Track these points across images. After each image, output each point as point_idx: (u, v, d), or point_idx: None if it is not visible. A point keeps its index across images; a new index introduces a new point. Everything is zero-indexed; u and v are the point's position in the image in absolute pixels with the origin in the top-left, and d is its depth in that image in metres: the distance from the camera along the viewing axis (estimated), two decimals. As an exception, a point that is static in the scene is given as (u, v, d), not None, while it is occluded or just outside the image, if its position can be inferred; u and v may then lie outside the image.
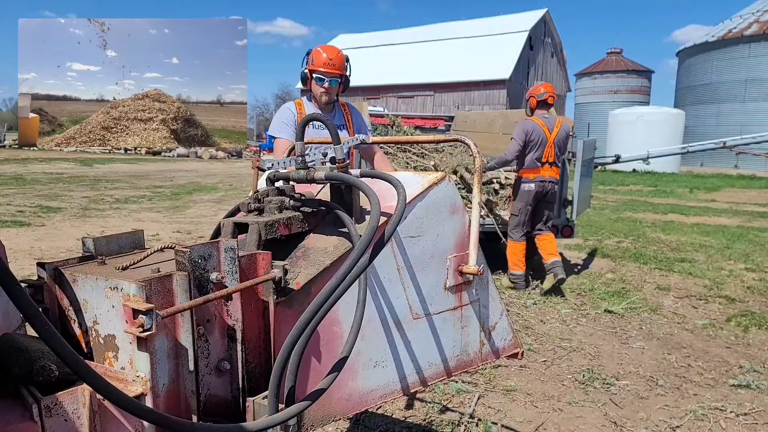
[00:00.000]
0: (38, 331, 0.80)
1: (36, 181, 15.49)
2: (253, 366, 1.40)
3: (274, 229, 1.51)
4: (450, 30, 42.05)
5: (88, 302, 1.26)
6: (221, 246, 1.27)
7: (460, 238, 1.81)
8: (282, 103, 4.79)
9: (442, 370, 1.85)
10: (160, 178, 17.99)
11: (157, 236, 7.96)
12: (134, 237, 1.55)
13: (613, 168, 23.35)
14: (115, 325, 1.19)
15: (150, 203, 11.77)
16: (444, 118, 11.61)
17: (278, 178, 1.73)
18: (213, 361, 1.30)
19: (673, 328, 4.65)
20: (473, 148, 1.84)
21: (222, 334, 1.32)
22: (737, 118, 31.69)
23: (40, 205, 10.68)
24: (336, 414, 1.57)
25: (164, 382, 1.19)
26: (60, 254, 6.56)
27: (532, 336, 4.41)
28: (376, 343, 1.64)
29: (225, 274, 1.27)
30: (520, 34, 37.58)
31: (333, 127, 1.64)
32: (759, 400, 3.34)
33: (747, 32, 31.92)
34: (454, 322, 1.85)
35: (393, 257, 1.64)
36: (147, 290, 1.13)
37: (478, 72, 36.45)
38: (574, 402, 3.31)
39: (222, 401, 1.34)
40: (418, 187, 1.68)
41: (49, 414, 0.95)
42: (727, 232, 9.53)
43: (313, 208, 1.64)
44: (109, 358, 1.21)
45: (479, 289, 1.91)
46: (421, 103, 39.15)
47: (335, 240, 1.57)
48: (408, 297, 1.70)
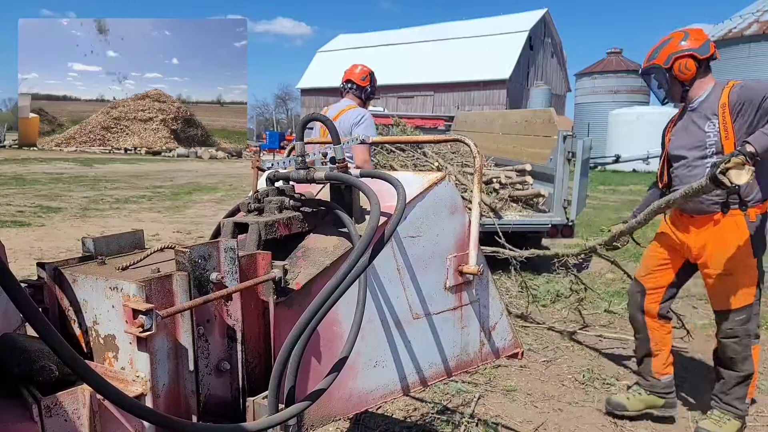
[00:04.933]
0: (38, 331, 0.80)
1: (36, 181, 15.49)
2: (253, 366, 1.40)
3: (274, 229, 1.51)
4: (450, 30, 42.06)
5: (88, 302, 1.26)
6: (221, 246, 1.27)
7: (460, 238, 1.81)
8: (282, 103, 4.88)
9: (442, 370, 1.85)
10: (160, 178, 17.99)
11: (157, 236, 7.96)
12: (134, 237, 1.55)
13: (613, 168, 23.34)
14: (115, 325, 1.19)
15: (150, 203, 11.77)
16: (444, 118, 11.62)
17: (278, 178, 1.73)
18: (213, 361, 1.30)
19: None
20: (473, 148, 1.84)
21: (222, 334, 1.32)
22: (737, 118, 31.67)
23: (40, 205, 10.68)
24: (336, 414, 1.57)
25: (164, 382, 1.19)
26: (60, 254, 6.56)
27: (532, 336, 4.41)
28: (376, 343, 1.64)
29: (225, 274, 1.27)
30: (520, 34, 37.59)
31: (333, 126, 1.64)
32: (759, 400, 3.34)
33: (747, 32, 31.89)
34: (454, 322, 1.85)
35: (393, 257, 1.64)
36: (147, 290, 1.13)
37: (478, 72, 36.47)
38: (574, 402, 3.31)
39: (222, 401, 1.34)
40: (418, 187, 1.68)
41: (49, 414, 0.95)
42: (727, 232, 9.52)
43: (313, 208, 1.64)
44: (109, 358, 1.21)
45: (479, 289, 1.91)
46: (421, 103, 39.16)
47: (335, 240, 1.57)
48: (408, 297, 1.70)
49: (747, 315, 2.75)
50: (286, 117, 70.75)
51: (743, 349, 2.77)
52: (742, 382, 2.82)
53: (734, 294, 2.75)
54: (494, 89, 36.14)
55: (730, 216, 2.68)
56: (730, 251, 2.71)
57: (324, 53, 46.46)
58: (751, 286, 2.74)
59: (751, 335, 2.78)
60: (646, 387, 3.13)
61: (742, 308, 2.75)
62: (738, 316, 2.76)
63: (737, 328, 2.77)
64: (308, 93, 44.30)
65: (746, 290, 2.73)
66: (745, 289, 2.73)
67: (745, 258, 2.70)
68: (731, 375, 2.84)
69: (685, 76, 2.71)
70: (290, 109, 70.91)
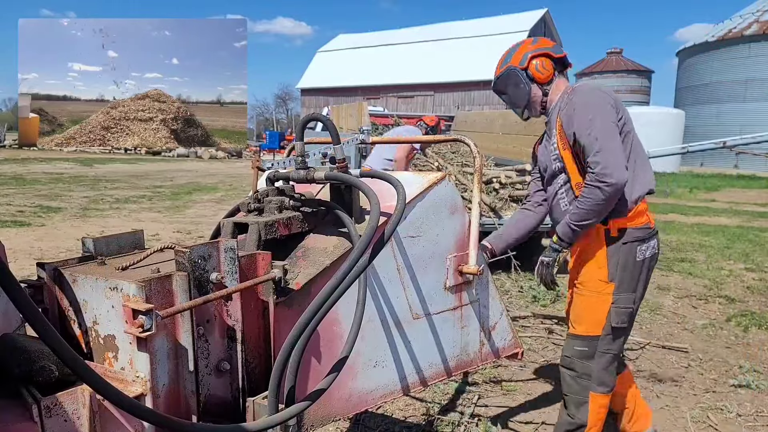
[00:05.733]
0: (38, 332, 0.80)
1: (36, 181, 15.48)
2: (253, 366, 1.40)
3: (274, 229, 1.51)
4: (450, 30, 42.05)
5: (88, 302, 1.26)
6: (221, 246, 1.27)
7: (460, 238, 1.81)
8: (282, 103, 4.95)
9: (442, 370, 1.85)
10: (160, 178, 17.99)
11: (157, 236, 7.96)
12: (134, 237, 1.55)
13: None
14: (115, 326, 1.19)
15: (150, 203, 11.77)
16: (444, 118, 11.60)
17: (278, 178, 1.73)
18: (213, 361, 1.30)
19: (673, 328, 4.65)
20: (473, 148, 1.84)
21: (222, 334, 1.32)
22: (737, 118, 31.69)
23: (40, 205, 10.68)
24: (336, 414, 1.57)
25: (164, 383, 1.19)
26: (60, 254, 6.56)
27: (532, 336, 4.41)
28: (376, 343, 1.64)
29: (225, 274, 1.27)
30: (520, 34, 37.54)
31: (333, 127, 1.64)
32: (759, 400, 3.34)
33: (747, 32, 31.92)
34: (454, 322, 1.85)
35: (393, 257, 1.64)
36: (147, 291, 1.13)
37: (478, 72, 36.42)
38: (574, 402, 3.31)
39: (222, 401, 1.34)
40: (418, 187, 1.68)
41: (48, 414, 0.95)
42: (727, 232, 9.53)
43: (312, 208, 1.64)
44: (108, 358, 1.21)
45: (479, 289, 1.91)
46: (421, 103, 39.14)
47: (335, 240, 1.57)
48: (408, 297, 1.69)
49: (589, 349, 2.24)
50: (286, 117, 70.76)
51: (579, 389, 2.27)
52: (572, 431, 2.31)
53: (579, 317, 2.29)
54: (494, 89, 36.11)
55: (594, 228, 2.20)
56: (582, 267, 2.29)
57: (324, 53, 46.44)
58: (601, 315, 2.21)
59: (592, 378, 2.24)
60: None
61: (583, 337, 2.26)
62: (577, 346, 2.27)
63: (575, 360, 2.27)
64: (308, 93, 44.28)
65: (592, 318, 2.24)
66: (591, 316, 2.24)
67: (597, 278, 2.22)
68: (562, 418, 2.36)
69: (543, 76, 2.30)
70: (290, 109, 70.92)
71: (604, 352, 2.24)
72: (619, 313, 2.21)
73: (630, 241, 2.18)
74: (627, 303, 2.21)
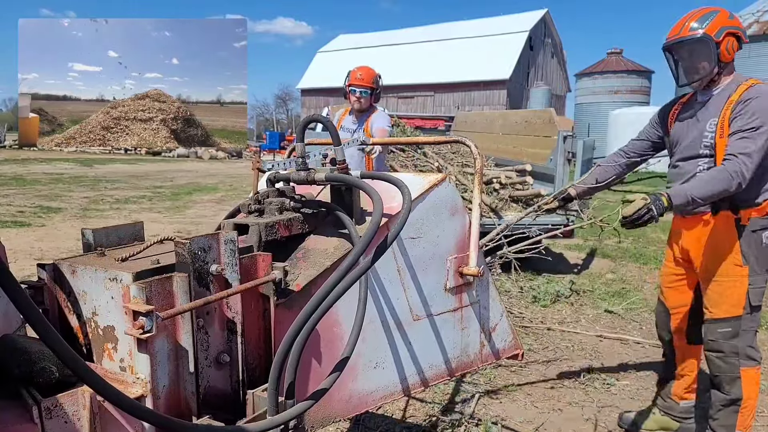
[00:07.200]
0: (39, 333, 0.80)
1: (36, 181, 15.48)
2: (253, 364, 1.40)
3: (274, 230, 1.51)
4: (450, 30, 42.05)
5: (87, 293, 1.25)
6: (221, 238, 1.26)
7: (461, 240, 1.81)
8: (282, 103, 5.09)
9: (443, 371, 1.84)
10: (160, 178, 17.98)
11: (157, 236, 7.96)
12: (134, 229, 1.55)
13: (613, 168, 23.32)
14: (114, 317, 1.19)
15: (150, 203, 11.77)
16: (444, 118, 11.60)
17: (279, 179, 1.73)
18: (213, 353, 1.30)
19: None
20: (473, 149, 1.84)
21: (222, 326, 1.32)
22: (737, 119, 31.67)
23: (40, 205, 10.68)
24: (336, 415, 1.57)
25: (164, 384, 1.19)
26: (60, 254, 6.56)
27: (532, 336, 4.41)
28: (377, 344, 1.64)
29: (225, 266, 1.27)
30: (520, 34, 37.57)
31: (333, 128, 1.64)
32: (759, 400, 3.34)
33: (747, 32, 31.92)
34: (455, 324, 1.85)
35: (393, 258, 1.64)
36: (147, 292, 1.13)
37: (478, 72, 36.45)
38: (574, 402, 3.31)
39: (222, 394, 1.33)
40: (419, 188, 1.68)
41: (49, 416, 0.95)
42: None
43: (313, 209, 1.64)
44: (108, 349, 1.21)
45: (479, 290, 1.91)
46: (421, 104, 39.15)
47: (336, 241, 1.57)
48: (408, 298, 1.69)
49: (733, 329, 2.46)
50: (287, 117, 70.74)
51: (729, 368, 2.48)
52: (728, 406, 2.51)
53: (717, 302, 2.49)
54: (494, 89, 36.12)
55: (719, 217, 2.45)
56: (715, 255, 2.48)
57: (324, 53, 46.44)
58: (740, 297, 2.44)
59: (740, 354, 2.46)
60: (663, 408, 2.95)
61: (726, 319, 2.46)
62: (721, 328, 2.48)
63: (721, 341, 2.48)
64: (308, 93, 44.27)
65: (732, 300, 2.45)
66: (730, 299, 2.45)
67: (732, 264, 2.43)
68: (717, 396, 2.55)
69: (729, 57, 2.35)
70: (290, 109, 70.89)
71: (748, 329, 2.47)
72: (756, 293, 2.45)
73: (757, 229, 2.41)
74: (761, 283, 2.47)
